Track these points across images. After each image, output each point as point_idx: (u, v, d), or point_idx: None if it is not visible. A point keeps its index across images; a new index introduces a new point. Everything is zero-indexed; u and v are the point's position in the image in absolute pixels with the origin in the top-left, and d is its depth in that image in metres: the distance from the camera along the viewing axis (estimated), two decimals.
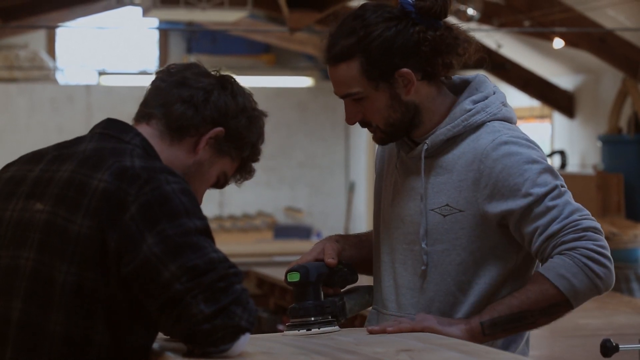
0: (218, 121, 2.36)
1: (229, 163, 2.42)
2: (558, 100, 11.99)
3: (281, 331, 2.61)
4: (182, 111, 2.35)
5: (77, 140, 2.34)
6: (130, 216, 2.15)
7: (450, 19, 2.56)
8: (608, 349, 3.23)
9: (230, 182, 2.46)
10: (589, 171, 10.99)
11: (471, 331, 2.43)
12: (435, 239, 2.53)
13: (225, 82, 2.40)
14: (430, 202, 2.53)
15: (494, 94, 2.59)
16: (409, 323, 2.44)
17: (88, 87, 14.32)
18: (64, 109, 14.06)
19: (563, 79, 12.06)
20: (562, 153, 11.53)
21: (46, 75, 14.18)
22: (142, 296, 2.16)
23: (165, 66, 2.45)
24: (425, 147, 2.55)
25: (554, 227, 2.43)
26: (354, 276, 2.66)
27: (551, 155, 11.53)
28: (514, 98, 11.92)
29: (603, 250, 2.42)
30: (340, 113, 13.98)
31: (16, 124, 13.91)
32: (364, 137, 14.49)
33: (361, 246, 2.73)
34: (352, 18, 2.51)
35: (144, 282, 2.14)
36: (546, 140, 12.36)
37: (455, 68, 2.54)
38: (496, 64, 11.24)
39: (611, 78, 10.98)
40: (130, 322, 2.21)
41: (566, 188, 2.48)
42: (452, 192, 2.51)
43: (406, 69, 2.49)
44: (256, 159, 2.46)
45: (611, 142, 10.60)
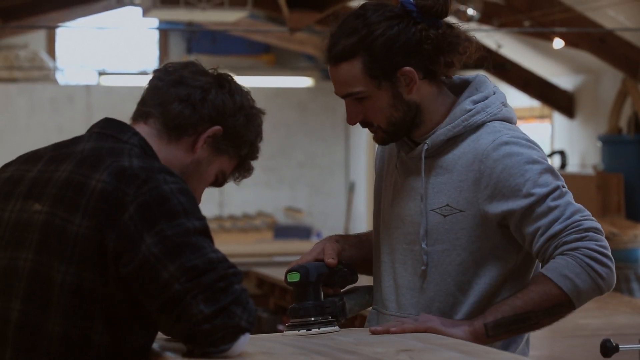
0: (216, 120, 2.36)
1: (227, 161, 2.41)
2: (558, 100, 11.99)
3: (281, 331, 2.61)
4: (180, 110, 2.34)
5: (75, 140, 2.33)
6: (128, 216, 2.15)
7: (449, 19, 2.56)
8: (608, 349, 3.23)
9: (228, 181, 2.46)
10: (589, 171, 10.99)
11: (475, 332, 2.42)
12: (435, 239, 2.52)
13: (222, 81, 2.39)
14: (430, 202, 2.53)
15: (494, 94, 2.58)
16: (412, 323, 2.43)
17: (88, 87, 14.32)
18: (64, 109, 14.06)
19: (563, 79, 12.06)
20: (562, 153, 11.52)
21: (46, 75, 14.18)
22: (142, 296, 2.16)
23: (162, 65, 2.44)
24: (425, 147, 2.54)
25: (556, 228, 2.42)
26: (354, 276, 2.66)
27: (551, 155, 11.52)
28: (514, 98, 11.92)
29: (605, 250, 2.42)
30: (340, 113, 13.91)
31: (16, 124, 13.91)
32: (364, 137, 14.49)
33: (361, 246, 2.73)
34: (353, 17, 2.51)
35: (143, 283, 2.14)
36: (546, 140, 12.36)
37: (456, 67, 2.54)
38: (496, 64, 11.23)
39: (611, 78, 10.98)
40: (129, 322, 2.20)
41: (567, 188, 2.48)
42: (453, 192, 2.51)
43: (408, 68, 2.49)
44: (255, 157, 2.45)
45: (611, 142, 10.60)
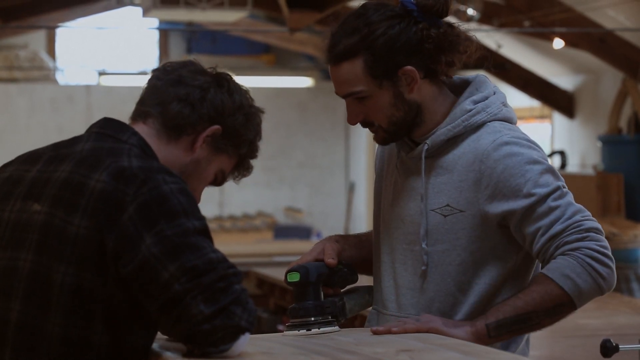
0: (215, 119, 2.36)
1: (227, 161, 2.41)
2: (558, 100, 11.99)
3: (281, 331, 2.61)
4: (179, 110, 2.34)
5: (74, 140, 2.33)
6: (128, 216, 2.14)
7: (449, 19, 2.56)
8: (608, 349, 3.23)
9: (228, 180, 2.46)
10: (589, 171, 10.99)
11: (477, 333, 2.41)
12: (435, 239, 2.52)
13: (221, 80, 2.39)
14: (430, 203, 2.53)
15: (494, 94, 2.58)
16: (414, 324, 2.42)
17: (88, 87, 14.32)
18: (64, 109, 14.06)
19: (563, 79, 12.06)
20: (562, 153, 11.53)
21: (46, 75, 14.18)
22: (142, 297, 2.16)
23: (161, 64, 2.44)
24: (425, 147, 2.54)
25: (557, 228, 2.42)
26: (354, 276, 2.66)
27: (551, 155, 11.52)
28: (514, 98, 11.92)
29: (606, 250, 2.43)
30: (340, 113, 13.90)
31: (16, 124, 13.91)
32: (364, 137, 14.49)
33: (361, 246, 2.73)
34: (354, 17, 2.51)
35: (144, 283, 2.13)
36: (546, 140, 12.36)
37: (456, 66, 2.54)
38: (496, 64, 11.23)
39: (611, 78, 10.98)
40: (129, 323, 2.20)
41: (567, 189, 2.48)
42: (453, 193, 2.51)
43: (410, 67, 2.49)
44: (254, 156, 2.45)
45: (611, 142, 10.60)
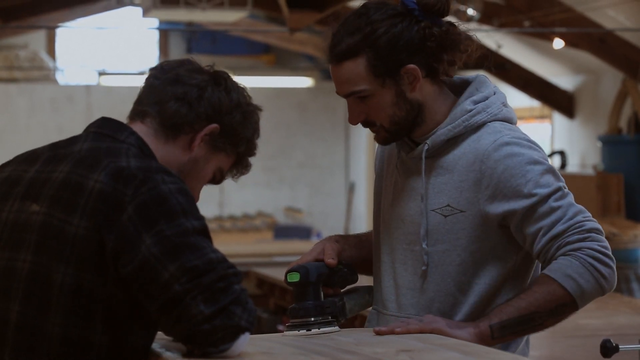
0: (212, 118, 2.35)
1: (225, 159, 2.41)
2: (558, 100, 11.99)
3: (281, 331, 2.61)
4: (176, 109, 2.34)
5: (72, 140, 2.33)
6: (127, 217, 2.14)
7: (449, 18, 2.56)
8: (608, 349, 3.23)
9: (226, 178, 2.46)
10: (589, 171, 10.99)
11: (480, 334, 2.40)
12: (435, 240, 2.52)
13: (218, 78, 2.39)
14: (431, 203, 2.53)
15: (495, 95, 2.58)
16: (417, 324, 2.41)
17: (88, 88, 14.33)
18: (64, 109, 14.06)
19: (563, 79, 12.06)
20: (562, 153, 11.53)
21: (46, 75, 14.19)
22: (142, 297, 2.15)
23: (158, 63, 2.44)
24: (426, 148, 2.54)
25: (559, 228, 2.42)
26: (354, 276, 2.66)
27: (551, 155, 11.52)
28: (514, 98, 11.92)
29: (607, 251, 2.43)
30: (340, 113, 13.88)
31: (16, 124, 13.91)
32: (364, 138, 14.49)
33: (361, 246, 2.73)
34: (356, 16, 2.51)
35: (144, 283, 2.13)
36: (546, 140, 12.36)
37: (458, 65, 2.54)
38: (496, 64, 11.23)
39: (611, 78, 10.98)
40: (129, 323, 2.20)
41: (568, 190, 2.48)
42: (453, 193, 2.51)
43: (412, 65, 2.49)
44: (252, 154, 2.45)
45: (611, 143, 10.61)
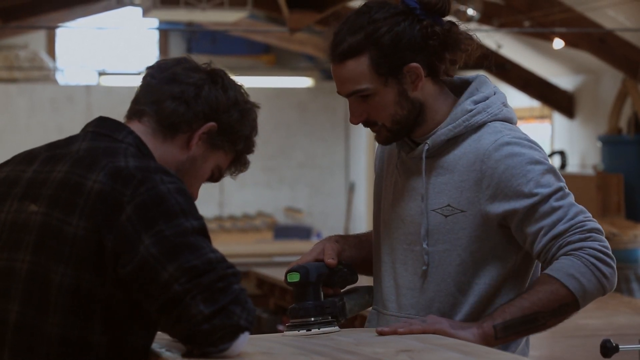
0: (210, 116, 2.35)
1: (223, 157, 2.41)
2: (558, 100, 11.99)
3: (281, 331, 2.61)
4: (174, 108, 2.33)
5: (70, 139, 2.32)
6: (126, 217, 2.14)
7: (449, 18, 2.56)
8: (608, 349, 3.23)
9: (225, 176, 2.46)
10: (589, 171, 10.99)
11: (484, 335, 2.39)
12: (436, 239, 2.52)
13: (215, 76, 2.38)
14: (431, 203, 2.53)
15: (495, 95, 2.58)
16: (421, 325, 2.40)
17: (88, 88, 14.33)
18: (64, 110, 14.06)
19: (563, 80, 12.06)
20: (562, 153, 11.53)
21: (46, 75, 14.19)
22: (141, 297, 2.15)
23: (155, 62, 2.43)
24: (426, 148, 2.54)
25: (560, 228, 2.42)
26: (354, 276, 2.66)
27: (551, 155, 11.52)
28: (514, 98, 11.92)
29: (608, 251, 2.43)
30: (340, 113, 13.86)
31: (16, 125, 13.91)
32: (364, 138, 14.49)
33: (361, 247, 2.73)
34: (358, 15, 2.51)
35: (143, 283, 2.13)
36: (546, 140, 12.36)
37: (459, 64, 2.54)
38: (496, 64, 11.23)
39: (611, 78, 10.98)
40: (128, 323, 2.20)
41: (568, 190, 2.48)
42: (454, 193, 2.51)
43: (415, 64, 2.49)
44: (250, 151, 2.44)
45: (611, 143, 10.61)
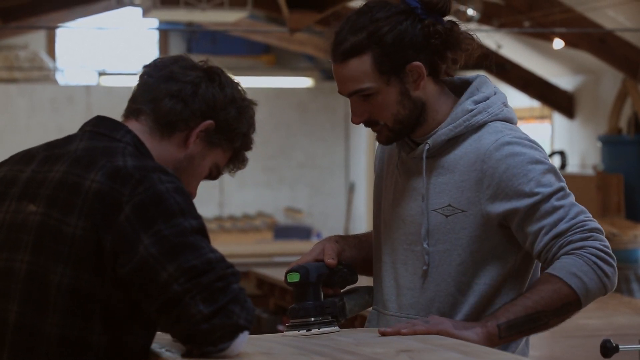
0: (207, 114, 2.35)
1: (221, 154, 2.41)
2: (558, 100, 11.99)
3: (281, 331, 2.61)
4: (171, 106, 2.33)
5: (68, 139, 2.32)
6: (124, 217, 2.14)
7: (449, 18, 2.56)
8: (608, 350, 3.23)
9: (223, 173, 2.46)
10: (589, 172, 10.99)
11: (488, 334, 2.38)
12: (437, 239, 2.52)
13: (212, 74, 2.38)
14: (432, 203, 2.53)
15: (495, 95, 2.58)
16: (424, 325, 2.39)
17: (88, 88, 14.33)
18: (64, 110, 14.06)
19: (563, 80, 12.06)
20: (562, 153, 11.53)
21: (46, 75, 14.19)
22: (140, 297, 2.15)
23: (152, 61, 2.43)
24: (427, 148, 2.54)
25: (562, 227, 2.42)
26: (354, 277, 2.66)
27: (551, 155, 11.52)
28: (514, 98, 11.92)
29: (609, 250, 2.43)
30: (340, 113, 13.85)
31: (16, 125, 13.91)
32: (364, 138, 14.49)
33: (361, 247, 2.73)
34: (359, 15, 2.50)
35: (142, 283, 2.13)
36: (546, 140, 12.36)
37: (460, 64, 2.54)
38: (496, 65, 11.23)
39: (611, 78, 10.98)
40: (128, 323, 2.20)
41: (569, 190, 2.48)
42: (454, 192, 2.51)
43: (417, 62, 2.49)
44: (248, 148, 2.44)
45: (611, 143, 10.61)
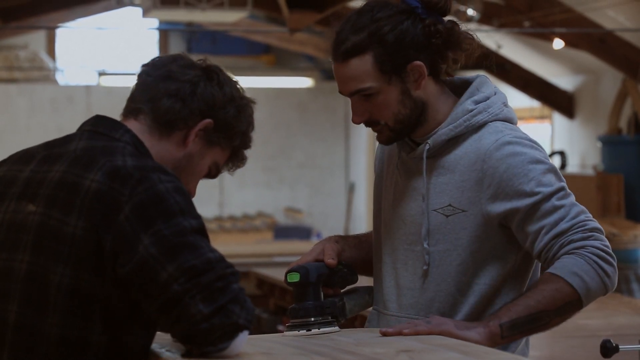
0: (206, 113, 2.35)
1: (220, 153, 2.40)
2: (558, 100, 11.99)
3: (281, 331, 2.61)
4: (170, 105, 2.33)
5: (67, 138, 2.32)
6: (124, 217, 2.14)
7: (449, 18, 2.56)
8: (608, 350, 3.23)
9: (222, 171, 2.46)
10: (589, 172, 10.99)
11: (491, 334, 2.38)
12: (437, 239, 2.52)
13: (211, 73, 2.38)
14: (432, 203, 2.53)
15: (495, 95, 2.58)
16: (426, 326, 2.39)
17: (88, 88, 14.33)
18: (64, 110, 14.06)
19: (563, 80, 12.06)
20: (562, 153, 11.53)
21: (46, 75, 14.19)
22: (140, 297, 2.15)
23: (150, 60, 2.42)
24: (427, 147, 2.54)
25: (562, 226, 2.42)
26: (354, 277, 2.66)
27: (551, 155, 11.52)
28: (514, 98, 11.92)
29: (609, 250, 2.43)
30: (340, 113, 13.86)
31: (16, 125, 13.91)
32: (364, 138, 14.49)
33: (361, 247, 2.73)
34: (360, 15, 2.50)
35: (142, 283, 2.13)
36: (546, 140, 12.36)
37: (460, 63, 2.54)
38: (496, 65, 11.22)
39: (611, 79, 10.98)
40: (128, 323, 2.20)
41: (569, 190, 2.48)
42: (455, 192, 2.51)
43: (418, 62, 2.49)
44: (247, 147, 2.44)
45: (611, 143, 10.61)
